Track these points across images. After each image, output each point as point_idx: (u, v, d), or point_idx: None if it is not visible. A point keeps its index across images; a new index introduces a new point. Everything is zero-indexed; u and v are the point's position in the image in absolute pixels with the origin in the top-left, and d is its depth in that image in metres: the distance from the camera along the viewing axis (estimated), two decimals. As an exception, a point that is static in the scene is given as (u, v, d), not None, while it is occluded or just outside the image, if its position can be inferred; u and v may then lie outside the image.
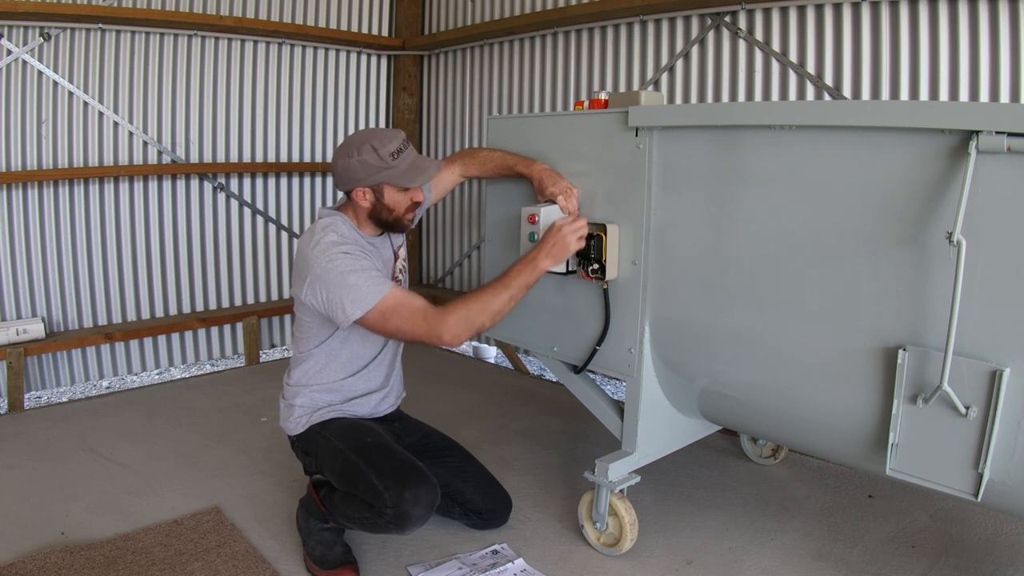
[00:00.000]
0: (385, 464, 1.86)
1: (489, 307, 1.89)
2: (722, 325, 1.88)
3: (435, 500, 1.83)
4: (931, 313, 1.50)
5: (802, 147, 1.66)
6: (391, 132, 1.96)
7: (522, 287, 1.93)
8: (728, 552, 2.11)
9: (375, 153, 1.90)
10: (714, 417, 2.13)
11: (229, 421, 3.11)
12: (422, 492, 1.80)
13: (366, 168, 1.91)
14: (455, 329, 1.85)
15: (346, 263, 1.85)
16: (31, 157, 3.40)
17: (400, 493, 1.78)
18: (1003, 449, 1.44)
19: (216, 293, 4.11)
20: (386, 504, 1.79)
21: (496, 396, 3.49)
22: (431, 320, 1.85)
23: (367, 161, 1.91)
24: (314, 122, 4.38)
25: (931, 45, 2.60)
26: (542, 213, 2.04)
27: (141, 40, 3.65)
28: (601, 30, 3.66)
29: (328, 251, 1.86)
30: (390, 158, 1.91)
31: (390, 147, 1.91)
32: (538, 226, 2.03)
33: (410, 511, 1.78)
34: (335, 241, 1.90)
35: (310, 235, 1.94)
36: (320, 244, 1.89)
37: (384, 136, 1.94)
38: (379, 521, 1.82)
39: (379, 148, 1.90)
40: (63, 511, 2.29)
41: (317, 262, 1.87)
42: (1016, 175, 1.36)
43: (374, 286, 1.83)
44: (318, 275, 1.86)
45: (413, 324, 1.85)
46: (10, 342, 3.28)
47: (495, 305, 1.90)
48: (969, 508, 2.32)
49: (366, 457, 1.88)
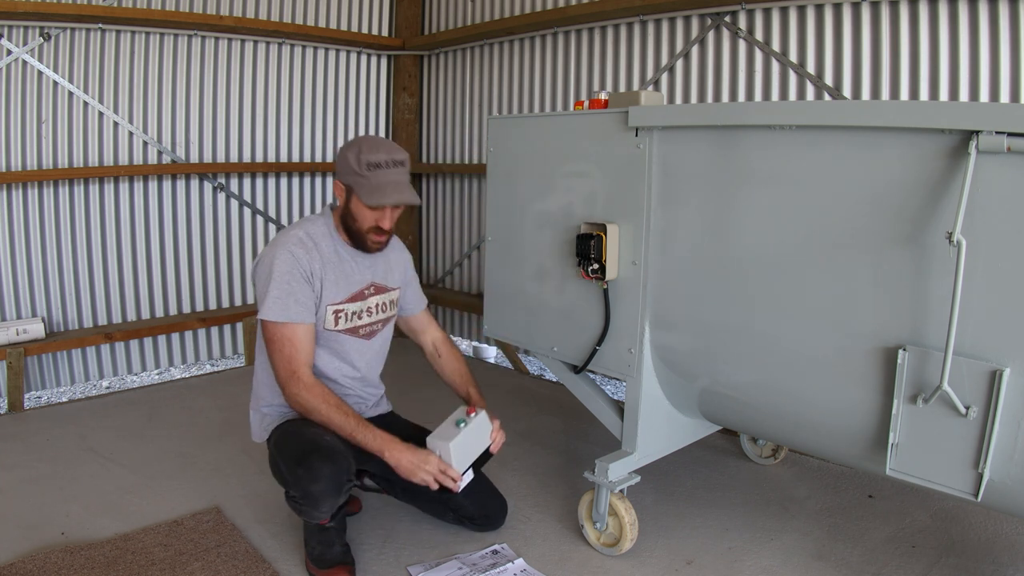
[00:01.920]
0: (289, 447, 1.89)
1: (329, 421, 1.87)
2: (722, 325, 1.88)
3: (337, 474, 1.80)
4: (931, 313, 1.50)
5: (802, 147, 1.66)
6: (388, 147, 1.93)
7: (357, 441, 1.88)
8: (728, 552, 2.11)
9: (357, 157, 1.89)
10: (714, 417, 2.13)
11: (229, 421, 3.11)
12: (316, 466, 1.79)
13: (345, 165, 1.92)
14: (292, 402, 1.89)
15: (281, 271, 1.88)
16: (31, 157, 3.39)
17: (295, 472, 1.80)
18: (1003, 449, 1.44)
19: (216, 293, 4.11)
20: (291, 486, 1.83)
21: (496, 396, 3.48)
22: (292, 377, 1.87)
23: (348, 160, 1.91)
24: (314, 122, 4.38)
25: (931, 45, 2.60)
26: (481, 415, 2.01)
27: (141, 40, 3.65)
28: (601, 30, 3.66)
29: (283, 250, 1.90)
30: (365, 168, 1.88)
31: (372, 158, 1.88)
32: (471, 419, 1.97)
33: (309, 488, 1.79)
34: (298, 239, 1.93)
35: (288, 227, 2.00)
36: (287, 236, 1.94)
37: (377, 147, 1.91)
38: (296, 507, 1.86)
39: (363, 154, 1.88)
40: (63, 511, 2.29)
41: (269, 251, 1.93)
42: (1016, 175, 1.36)
43: (280, 308, 1.87)
44: (263, 261, 1.93)
45: (282, 366, 1.88)
46: (10, 342, 3.28)
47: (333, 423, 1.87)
48: (969, 508, 2.32)
49: (279, 446, 1.93)
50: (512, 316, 2.42)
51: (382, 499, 2.34)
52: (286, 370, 1.89)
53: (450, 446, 1.90)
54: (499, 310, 2.47)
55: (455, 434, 1.92)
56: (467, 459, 1.96)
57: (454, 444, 1.90)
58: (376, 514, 2.30)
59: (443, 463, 1.90)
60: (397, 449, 1.88)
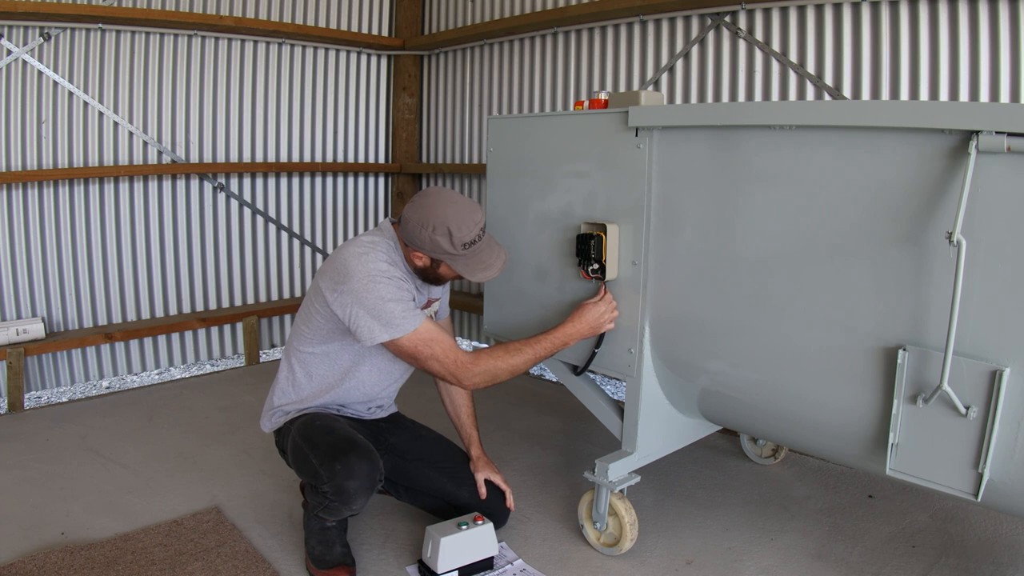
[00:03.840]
0: (322, 443, 1.88)
1: (513, 367, 1.96)
2: (722, 324, 1.88)
3: (372, 472, 1.82)
4: (931, 313, 1.50)
5: (802, 147, 1.66)
6: (472, 215, 1.91)
7: (545, 354, 2.00)
8: (728, 552, 2.11)
9: (449, 239, 1.87)
10: (714, 417, 2.13)
11: (229, 421, 3.11)
12: (354, 462, 1.80)
13: (435, 247, 1.89)
14: (477, 380, 1.93)
15: (388, 291, 1.85)
16: (31, 157, 3.39)
17: (332, 467, 1.79)
18: (1003, 449, 1.44)
19: (216, 293, 4.10)
20: (323, 481, 1.81)
21: (496, 396, 3.48)
22: (459, 365, 1.90)
23: (439, 243, 1.88)
24: (314, 122, 4.38)
25: (931, 45, 2.60)
26: (487, 527, 1.99)
27: (141, 40, 3.65)
28: (601, 30, 3.66)
29: (375, 274, 1.85)
30: (462, 247, 1.89)
31: (466, 236, 1.88)
32: (474, 525, 1.97)
33: (344, 483, 1.78)
34: (384, 267, 1.88)
35: (360, 247, 1.91)
36: (369, 263, 1.87)
37: (465, 221, 1.88)
38: (324, 502, 1.85)
39: (455, 234, 1.86)
40: (63, 511, 2.29)
41: (359, 279, 1.85)
42: (1016, 175, 1.36)
43: (410, 316, 1.86)
44: (355, 292, 1.84)
45: (443, 362, 1.90)
46: (10, 342, 3.28)
47: (519, 366, 1.97)
48: (969, 508, 2.32)
49: (309, 441, 1.91)
50: (512, 316, 2.42)
51: (382, 499, 2.34)
52: (448, 367, 1.90)
53: (441, 541, 1.89)
54: (499, 310, 2.47)
55: (451, 532, 1.92)
56: (457, 562, 1.93)
57: (445, 541, 1.90)
58: (376, 514, 2.30)
59: (606, 298, 2.05)
60: (572, 327, 2.01)
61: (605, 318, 2.05)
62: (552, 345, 2.00)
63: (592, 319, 2.04)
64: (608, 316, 2.06)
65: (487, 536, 1.99)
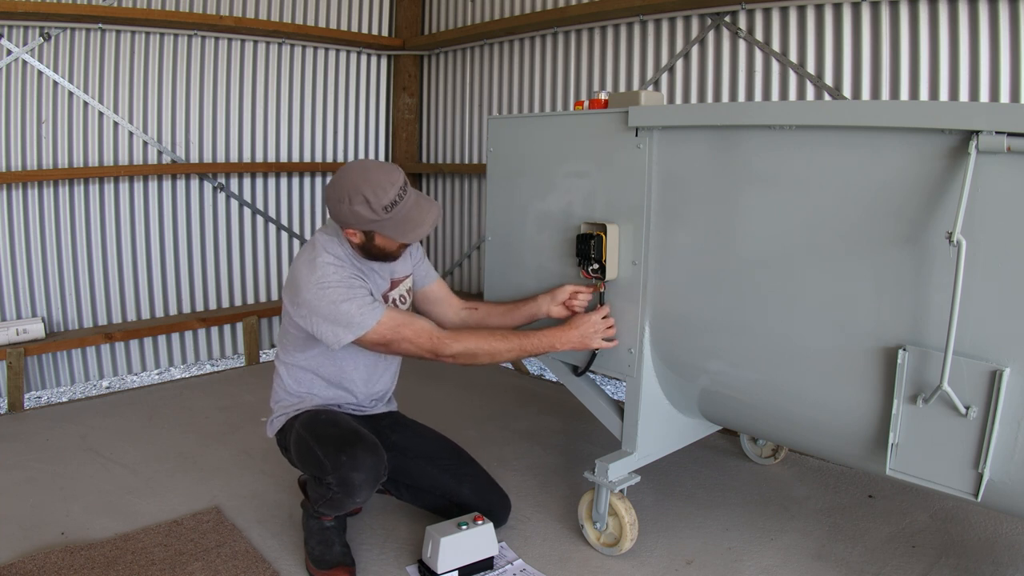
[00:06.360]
0: (327, 435, 1.88)
1: (494, 352, 1.96)
2: (722, 324, 1.88)
3: (377, 465, 1.83)
4: (931, 313, 1.50)
5: (802, 147, 1.66)
6: (388, 176, 1.85)
7: (530, 351, 2.00)
8: (728, 552, 2.11)
9: (367, 205, 1.82)
10: (714, 417, 2.13)
11: (229, 421, 3.11)
12: (360, 454, 1.80)
13: (357, 218, 1.85)
14: (457, 353, 1.92)
15: (338, 293, 1.85)
16: (31, 157, 3.40)
17: (338, 458, 1.80)
18: (1003, 449, 1.44)
19: (216, 293, 4.11)
20: (327, 472, 1.81)
21: (496, 396, 3.48)
22: (436, 340, 1.91)
23: (359, 212, 1.83)
24: (314, 122, 4.38)
25: (931, 45, 2.60)
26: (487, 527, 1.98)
27: (141, 40, 3.65)
28: (601, 30, 3.67)
29: (322, 282, 1.85)
30: (383, 211, 1.83)
31: (385, 198, 1.82)
32: (474, 525, 1.96)
33: (349, 475, 1.79)
34: (331, 270, 1.87)
35: (307, 253, 1.93)
36: (317, 269, 1.87)
37: (380, 183, 1.83)
38: (329, 494, 1.85)
39: (372, 199, 1.81)
40: (63, 511, 2.29)
41: (309, 289, 1.86)
42: (1016, 175, 1.35)
43: (368, 311, 1.85)
44: (309, 303, 1.86)
45: (415, 342, 1.90)
46: (10, 342, 3.28)
47: (499, 354, 1.97)
48: (969, 508, 2.32)
49: (314, 433, 1.91)
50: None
51: (382, 499, 2.34)
52: (426, 344, 1.90)
53: (441, 541, 1.89)
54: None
55: (451, 532, 1.92)
56: (457, 562, 1.93)
57: (445, 541, 1.90)
58: (376, 514, 2.30)
59: (599, 313, 2.03)
60: (562, 333, 2.00)
61: (596, 331, 2.03)
62: (539, 344, 1.99)
63: (583, 330, 2.02)
64: (599, 331, 2.03)
65: (487, 536, 1.99)
